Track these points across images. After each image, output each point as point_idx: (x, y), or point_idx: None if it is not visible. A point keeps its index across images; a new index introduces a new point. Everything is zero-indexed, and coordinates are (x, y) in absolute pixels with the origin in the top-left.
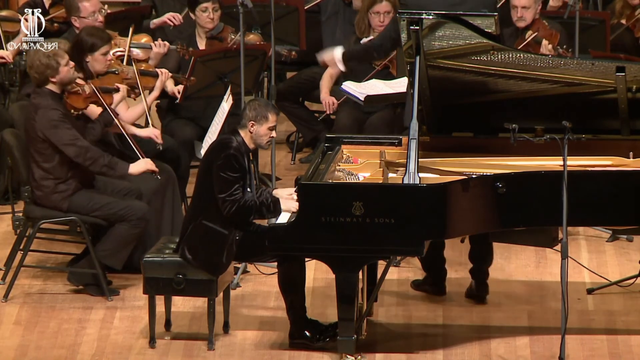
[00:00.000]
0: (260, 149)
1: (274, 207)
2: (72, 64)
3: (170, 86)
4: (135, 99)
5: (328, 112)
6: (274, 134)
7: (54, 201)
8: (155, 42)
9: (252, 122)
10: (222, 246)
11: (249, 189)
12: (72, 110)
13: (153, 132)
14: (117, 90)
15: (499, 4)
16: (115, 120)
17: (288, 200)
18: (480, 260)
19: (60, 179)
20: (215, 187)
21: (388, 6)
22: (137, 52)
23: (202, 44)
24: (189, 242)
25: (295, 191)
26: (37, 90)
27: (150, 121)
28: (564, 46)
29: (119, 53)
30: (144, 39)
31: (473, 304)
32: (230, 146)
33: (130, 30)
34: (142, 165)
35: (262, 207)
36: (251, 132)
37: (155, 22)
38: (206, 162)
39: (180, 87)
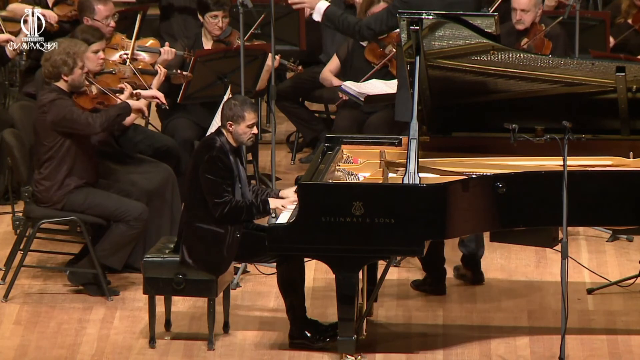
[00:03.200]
0: (243, 145)
1: (263, 208)
2: (86, 69)
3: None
4: (137, 100)
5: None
6: (254, 130)
7: (52, 197)
8: (163, 47)
9: (230, 122)
10: (220, 246)
11: (239, 185)
12: None
13: (156, 93)
14: (122, 91)
15: (496, 4)
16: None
17: (277, 200)
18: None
19: (64, 174)
20: (205, 190)
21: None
22: (143, 56)
23: (207, 45)
24: (187, 245)
25: (295, 191)
26: (45, 87)
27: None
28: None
29: (125, 56)
30: (150, 41)
31: (473, 304)
32: (214, 147)
33: (137, 26)
34: (142, 102)
35: (252, 208)
36: (230, 132)
37: None
38: (193, 164)
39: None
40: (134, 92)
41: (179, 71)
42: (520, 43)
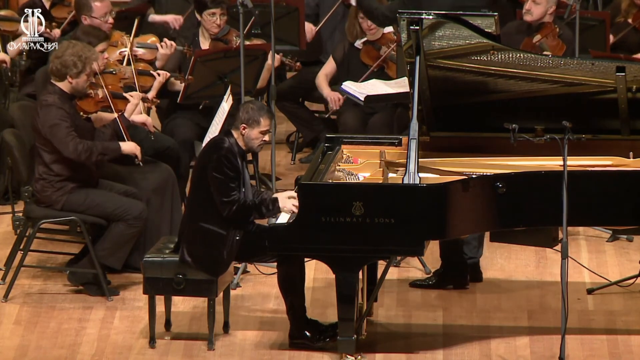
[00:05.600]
0: (252, 150)
1: (273, 206)
2: (91, 77)
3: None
4: (150, 107)
5: (335, 108)
6: (266, 137)
7: (51, 197)
8: (162, 42)
9: (244, 124)
10: (221, 247)
11: (243, 189)
12: (82, 113)
13: (147, 120)
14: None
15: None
16: (122, 129)
17: (286, 200)
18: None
19: (62, 175)
20: (213, 190)
21: None
22: (142, 52)
23: (205, 44)
24: (187, 245)
25: (295, 191)
26: (49, 87)
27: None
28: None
29: (125, 53)
30: (151, 39)
31: (473, 304)
32: (222, 147)
33: (135, 26)
34: (132, 146)
35: (261, 206)
36: (243, 135)
37: (155, 18)
38: (200, 164)
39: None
40: (149, 100)
41: (180, 74)
42: (531, 38)
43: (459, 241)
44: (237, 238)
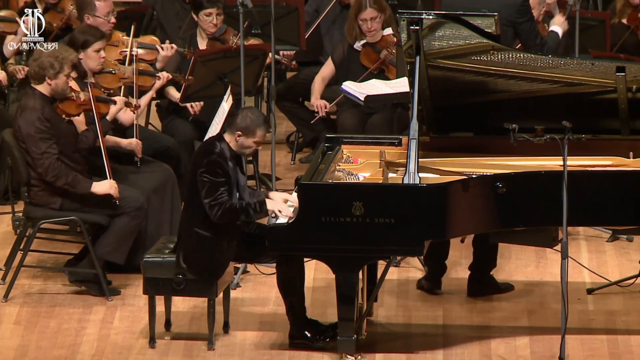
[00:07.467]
0: (243, 156)
1: (260, 208)
2: (71, 78)
3: (173, 92)
4: (133, 112)
5: (322, 114)
6: (259, 146)
7: (44, 197)
8: (163, 45)
9: (240, 132)
10: (215, 253)
11: (237, 193)
12: (64, 115)
13: (137, 145)
14: (114, 102)
15: None
16: (99, 137)
17: (274, 202)
18: (483, 263)
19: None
20: (201, 193)
21: (374, 12)
22: (143, 52)
23: (202, 44)
24: (183, 249)
25: (295, 191)
26: (28, 90)
27: (135, 129)
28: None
29: (125, 52)
30: (152, 39)
31: (473, 304)
32: (214, 152)
33: (132, 28)
34: (105, 186)
35: (248, 209)
36: (237, 141)
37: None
38: (192, 169)
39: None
40: (132, 105)
41: (180, 75)
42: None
43: (445, 248)
44: (235, 244)
